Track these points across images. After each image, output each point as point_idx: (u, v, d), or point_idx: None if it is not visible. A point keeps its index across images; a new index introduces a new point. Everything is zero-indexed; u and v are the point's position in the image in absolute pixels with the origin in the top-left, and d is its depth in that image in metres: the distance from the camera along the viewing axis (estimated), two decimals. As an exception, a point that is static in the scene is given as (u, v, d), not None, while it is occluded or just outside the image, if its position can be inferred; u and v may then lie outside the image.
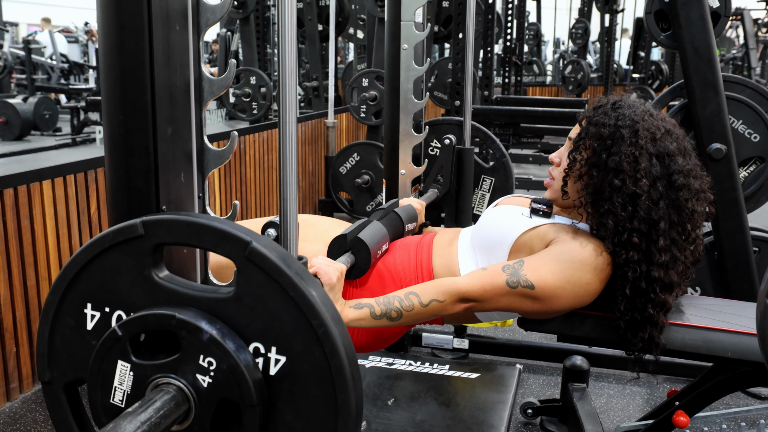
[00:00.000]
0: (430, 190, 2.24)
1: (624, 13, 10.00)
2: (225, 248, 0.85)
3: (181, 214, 0.89)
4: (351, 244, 1.41)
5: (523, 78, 8.59)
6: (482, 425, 1.80)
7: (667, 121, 1.42)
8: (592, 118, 1.42)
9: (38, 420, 2.12)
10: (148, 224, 0.87)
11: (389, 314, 1.34)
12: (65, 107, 7.16)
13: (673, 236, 1.35)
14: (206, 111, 1.08)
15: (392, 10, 2.19)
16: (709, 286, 2.27)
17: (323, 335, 0.81)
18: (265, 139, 3.93)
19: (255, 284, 0.84)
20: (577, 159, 1.42)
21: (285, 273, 0.82)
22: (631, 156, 1.34)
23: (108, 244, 0.88)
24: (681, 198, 1.35)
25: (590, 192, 1.39)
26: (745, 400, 2.26)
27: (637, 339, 1.37)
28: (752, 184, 2.25)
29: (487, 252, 1.46)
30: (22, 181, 2.21)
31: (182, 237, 0.87)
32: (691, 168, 1.38)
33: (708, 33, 2.14)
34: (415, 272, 1.49)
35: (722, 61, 10.30)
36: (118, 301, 0.89)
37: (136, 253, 0.88)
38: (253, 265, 0.83)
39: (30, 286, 2.24)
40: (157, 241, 0.87)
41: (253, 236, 0.84)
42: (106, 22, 0.97)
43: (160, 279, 0.88)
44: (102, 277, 0.89)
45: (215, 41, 9.21)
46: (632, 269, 1.33)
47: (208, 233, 0.85)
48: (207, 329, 0.83)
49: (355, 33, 6.41)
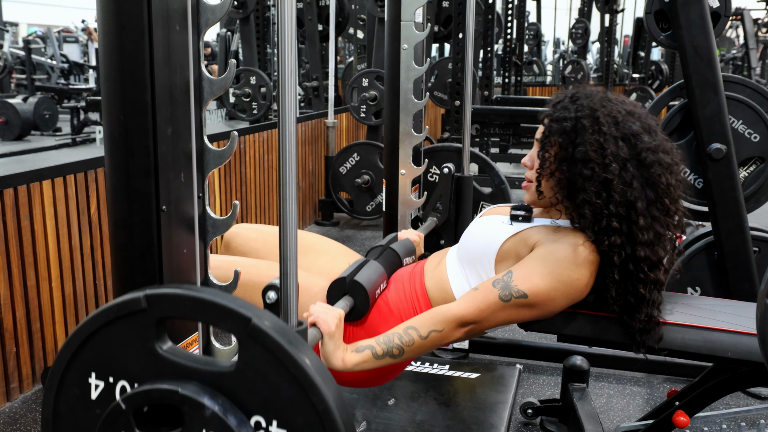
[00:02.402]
0: (429, 219, 2.25)
1: (624, 13, 10.00)
2: (227, 324, 0.87)
3: (184, 288, 0.91)
4: (349, 288, 1.42)
5: (523, 78, 8.59)
6: (482, 425, 1.80)
7: (627, 103, 1.43)
8: (553, 114, 1.44)
9: (38, 420, 2.12)
10: (151, 298, 0.89)
11: (391, 352, 1.34)
12: (65, 107, 7.16)
13: (653, 213, 1.36)
14: (206, 111, 1.08)
15: (392, 10, 2.19)
16: (709, 286, 2.27)
17: (323, 412, 0.83)
18: (265, 139, 3.93)
19: (256, 359, 0.86)
20: (546, 157, 1.43)
21: (286, 350, 0.85)
22: (596, 143, 1.35)
23: (112, 316, 0.91)
24: (654, 174, 1.36)
25: (564, 186, 1.40)
26: (745, 400, 2.26)
27: (635, 321, 1.38)
28: (752, 184, 2.25)
29: (474, 265, 1.47)
30: (22, 181, 2.21)
31: (185, 312, 0.90)
32: (659, 143, 1.39)
33: (708, 33, 2.14)
34: (411, 301, 1.50)
35: (722, 61, 10.31)
36: (122, 371, 0.92)
37: (140, 326, 0.90)
38: (254, 341, 0.85)
39: (30, 286, 2.24)
40: (160, 315, 0.90)
41: (254, 312, 0.87)
42: (106, 22, 0.97)
43: (164, 351, 0.90)
44: (106, 348, 0.92)
45: (207, 46, 9.22)
46: (617, 253, 1.34)
47: (211, 309, 0.88)
48: (209, 405, 0.85)
49: (355, 33, 6.41)
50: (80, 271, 2.45)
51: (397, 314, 1.47)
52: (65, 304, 2.39)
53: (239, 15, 5.19)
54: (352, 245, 4.13)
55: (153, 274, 1.02)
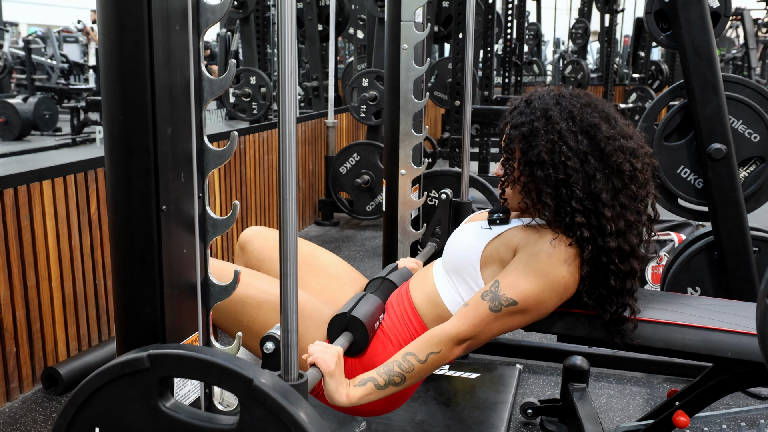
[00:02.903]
0: (429, 245, 2.25)
1: (624, 13, 10.00)
2: (229, 384, 0.89)
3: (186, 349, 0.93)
4: (348, 323, 1.43)
5: (523, 78, 8.58)
6: (482, 425, 1.80)
7: (582, 96, 1.43)
8: (510, 121, 1.45)
9: (38, 420, 2.12)
10: (154, 358, 0.91)
11: (393, 381, 1.34)
12: (65, 107, 7.16)
13: (621, 201, 1.36)
14: (206, 111, 1.08)
15: (392, 10, 2.19)
16: (709, 286, 2.27)
17: None
18: (265, 139, 3.93)
19: (257, 418, 0.88)
20: (510, 164, 1.44)
21: (287, 411, 0.87)
22: (550, 143, 1.35)
23: (116, 374, 0.92)
24: (616, 162, 1.35)
25: (529, 190, 1.41)
26: (745, 400, 2.26)
27: (606, 313, 1.38)
28: (752, 184, 2.25)
29: (461, 274, 1.47)
30: (22, 181, 2.21)
31: (188, 372, 0.92)
32: (619, 131, 1.39)
33: (708, 33, 2.14)
34: (403, 322, 1.49)
35: (722, 61, 10.31)
36: (126, 428, 0.93)
37: (143, 385, 0.92)
38: (256, 401, 0.87)
39: (30, 286, 2.24)
40: (163, 374, 0.91)
41: (255, 372, 0.89)
42: (106, 22, 0.97)
43: (166, 409, 0.91)
44: (110, 405, 0.93)
45: (206, 47, 9.21)
46: (586, 248, 1.34)
47: (213, 369, 0.90)
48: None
49: (355, 33, 6.41)
50: (80, 271, 2.45)
51: (394, 339, 1.47)
52: (65, 304, 2.39)
53: (239, 15, 5.19)
54: (352, 245, 4.14)
55: (153, 274, 1.02)
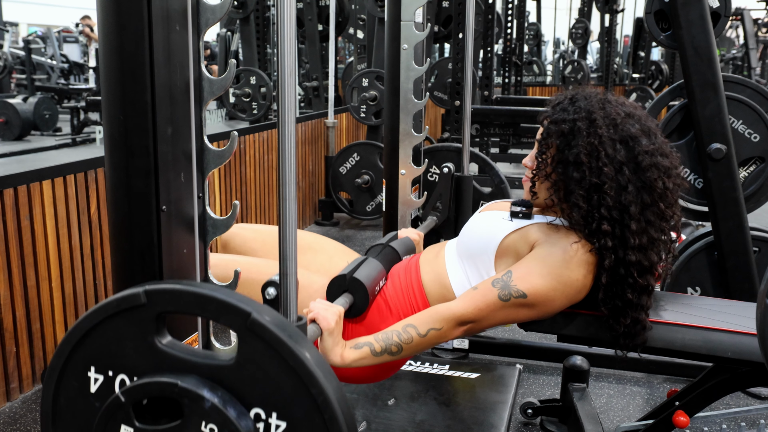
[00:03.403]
0: (429, 218, 2.25)
1: (624, 13, 10.00)
2: (227, 319, 0.87)
3: (183, 284, 0.91)
4: (349, 285, 1.43)
5: (523, 78, 8.59)
6: (482, 425, 1.80)
7: (627, 105, 1.42)
8: (552, 116, 1.43)
9: (38, 420, 2.12)
10: (150, 293, 0.89)
11: (389, 349, 1.34)
12: (65, 107, 7.16)
13: (648, 217, 1.35)
14: (206, 111, 1.08)
15: (392, 10, 2.19)
16: (709, 286, 2.27)
17: (323, 403, 0.84)
18: (265, 139, 3.93)
19: (256, 353, 0.86)
20: (544, 159, 1.43)
21: (285, 344, 0.85)
22: (590, 146, 1.34)
23: (112, 311, 0.91)
24: (650, 178, 1.35)
25: (558, 188, 1.40)
26: (745, 400, 2.26)
27: (619, 325, 1.38)
28: (752, 184, 2.25)
29: (474, 260, 1.46)
30: (22, 181, 2.21)
31: (184, 307, 0.90)
32: (657, 147, 1.38)
33: (708, 33, 2.14)
34: (408, 296, 1.49)
35: (722, 61, 10.30)
36: (122, 365, 0.92)
37: (139, 321, 0.90)
38: (254, 335, 0.86)
39: (30, 286, 2.24)
40: (159, 310, 0.90)
41: (254, 306, 0.87)
42: (106, 22, 0.97)
43: (163, 346, 0.90)
44: (105, 343, 0.92)
45: (206, 47, 9.17)
46: (608, 257, 1.34)
47: (210, 304, 0.88)
48: (209, 397, 0.85)
49: (355, 33, 6.41)
50: (80, 271, 2.45)
51: (394, 310, 1.47)
52: (65, 304, 2.39)
53: (239, 15, 5.19)
54: (352, 245, 4.13)
55: (153, 274, 1.02)
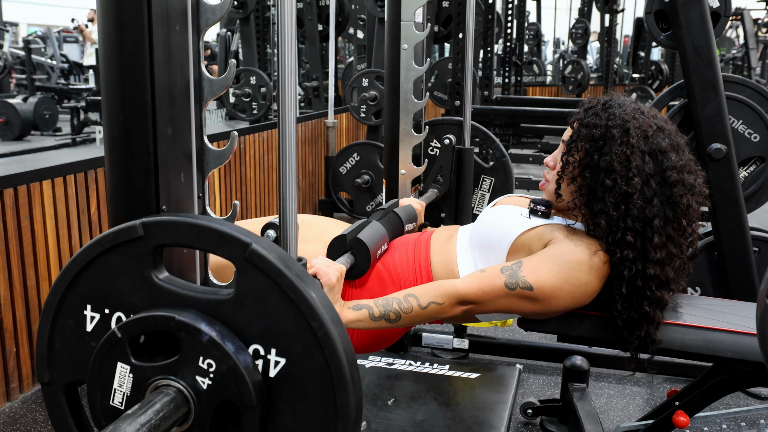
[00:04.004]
0: (430, 190, 2.24)
1: (624, 13, 10.00)
2: (225, 250, 0.84)
3: (180, 216, 0.89)
4: (350, 245, 1.41)
5: (523, 78, 8.59)
6: (482, 425, 1.80)
7: (658, 118, 1.42)
8: (583, 119, 1.43)
9: (38, 420, 2.12)
10: (147, 225, 0.87)
11: (388, 316, 1.34)
12: (65, 107, 7.16)
13: (668, 233, 1.35)
14: (206, 111, 1.08)
15: (392, 10, 2.19)
16: (709, 286, 2.27)
17: (323, 337, 0.81)
18: (265, 139, 3.93)
19: (255, 286, 0.83)
20: (570, 161, 1.42)
21: (285, 275, 0.82)
22: (623, 155, 1.34)
23: (108, 245, 0.88)
24: (675, 194, 1.35)
25: (584, 193, 1.39)
26: (745, 400, 2.26)
27: (633, 337, 1.37)
28: (752, 184, 2.25)
29: (486, 251, 1.46)
30: (22, 181, 2.21)
31: (182, 238, 0.87)
32: (685, 163, 1.38)
33: (708, 33, 2.14)
34: (414, 271, 1.49)
35: (722, 61, 10.31)
36: (118, 302, 0.89)
37: (136, 255, 0.87)
38: (253, 266, 0.83)
39: (30, 286, 2.24)
40: (156, 242, 0.87)
41: (253, 238, 0.84)
42: (106, 22, 0.97)
43: (160, 281, 0.87)
44: (102, 279, 0.89)
45: (207, 47, 9.13)
46: (628, 267, 1.33)
47: (208, 235, 0.85)
48: (206, 331, 0.83)
49: (355, 33, 6.41)
50: (80, 271, 2.45)
51: (396, 281, 1.47)
52: (65, 304, 2.39)
53: (239, 15, 5.19)
54: (352, 245, 4.13)
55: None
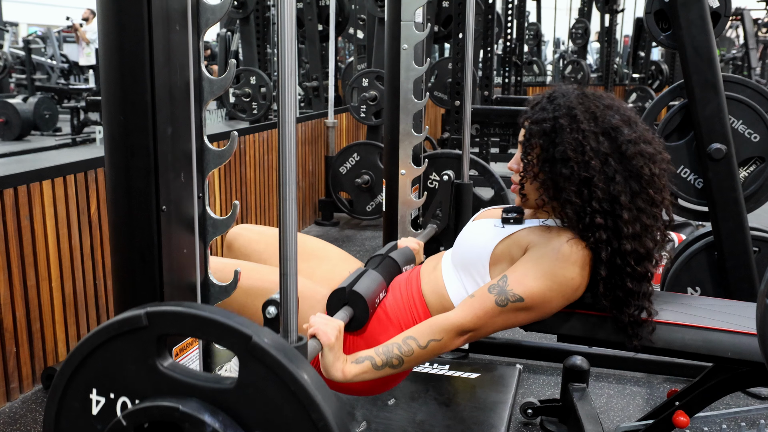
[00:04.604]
0: (429, 226, 2.25)
1: (624, 13, 10.00)
2: (228, 341, 0.88)
3: (184, 306, 0.91)
4: (349, 298, 1.42)
5: (523, 78, 8.58)
6: (482, 425, 1.80)
7: (604, 97, 1.43)
8: (532, 117, 1.44)
9: (38, 420, 2.12)
10: (152, 315, 0.89)
11: (390, 362, 1.34)
12: (65, 107, 7.15)
13: (638, 205, 1.36)
14: (206, 111, 1.08)
15: (392, 10, 2.19)
16: (709, 286, 2.27)
17: (323, 428, 0.84)
18: (265, 139, 3.93)
19: (256, 376, 0.86)
20: (529, 160, 1.43)
21: (286, 368, 0.85)
22: (575, 141, 1.35)
23: (113, 333, 0.91)
24: (636, 166, 1.36)
25: (547, 188, 1.41)
26: (745, 400, 2.26)
27: (624, 315, 1.38)
28: (752, 184, 2.25)
29: (469, 269, 1.46)
30: (22, 181, 2.21)
31: (186, 329, 0.91)
32: (639, 134, 1.39)
33: (708, 33, 2.14)
34: (409, 306, 1.49)
35: (722, 61, 10.31)
36: (123, 387, 0.92)
37: (141, 343, 0.90)
38: (255, 358, 0.86)
39: (30, 286, 2.24)
40: (160, 332, 0.90)
41: (254, 330, 0.87)
42: (106, 22, 0.97)
43: (164, 368, 0.90)
44: (107, 364, 0.92)
45: (207, 47, 9.08)
46: (604, 249, 1.34)
47: (211, 327, 0.88)
48: (210, 422, 0.85)
49: (355, 33, 6.41)
50: (80, 271, 2.45)
51: (395, 322, 1.47)
52: (65, 304, 2.39)
53: (239, 15, 5.19)
54: (352, 245, 4.14)
55: (153, 274, 1.02)
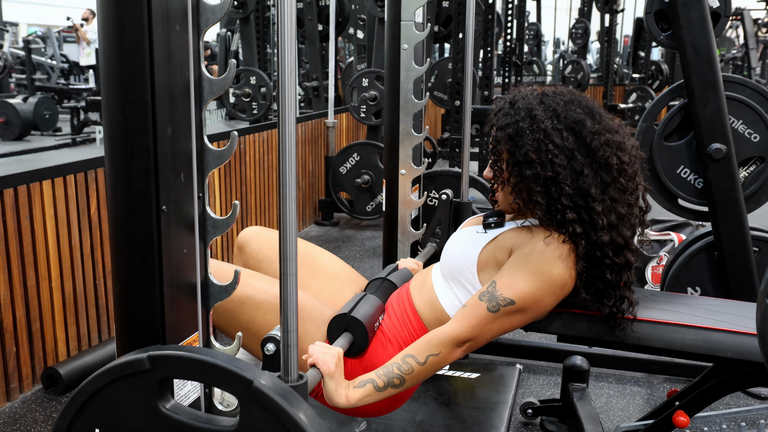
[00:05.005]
0: (429, 245, 2.25)
1: (624, 13, 10.00)
2: (229, 386, 0.89)
3: (186, 350, 0.93)
4: (348, 324, 1.43)
5: (523, 78, 8.59)
6: (482, 425, 1.80)
7: (565, 94, 1.44)
8: (496, 123, 1.45)
9: (38, 420, 2.12)
10: (155, 359, 0.90)
11: (392, 383, 1.34)
12: (65, 107, 7.16)
13: (611, 195, 1.37)
14: (206, 111, 1.08)
15: (392, 10, 2.19)
16: (709, 286, 2.27)
17: None
18: (265, 139, 3.93)
19: (257, 420, 0.88)
20: (499, 166, 1.45)
21: (287, 412, 0.86)
22: (536, 142, 1.36)
23: (116, 375, 0.92)
24: (603, 156, 1.36)
25: (520, 190, 1.41)
26: (745, 400, 2.26)
27: (604, 306, 1.39)
28: (752, 184, 2.25)
29: (458, 278, 1.47)
30: (22, 181, 2.21)
31: (188, 373, 0.92)
32: (604, 125, 1.39)
33: (708, 33, 2.14)
34: (405, 324, 1.49)
35: (722, 61, 10.31)
36: (125, 429, 0.93)
37: (143, 386, 0.91)
38: (256, 402, 0.87)
39: (30, 286, 2.24)
40: (163, 375, 0.91)
41: (255, 374, 0.88)
42: (106, 22, 0.97)
43: (167, 410, 0.91)
44: (110, 406, 0.93)
45: (207, 47, 9.07)
46: (579, 243, 1.35)
47: (213, 371, 0.89)
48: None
49: (355, 33, 6.41)
50: (80, 271, 2.45)
51: (394, 340, 1.47)
52: (65, 304, 2.39)
53: (239, 15, 5.19)
54: (352, 245, 4.14)
55: (153, 275, 1.02)
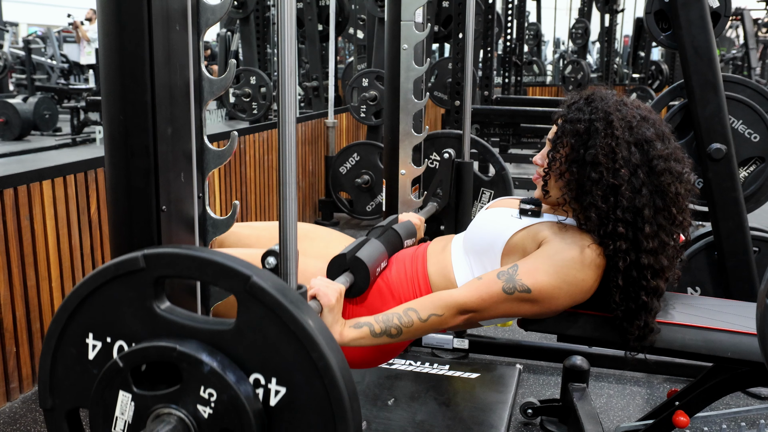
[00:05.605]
0: (430, 204, 2.24)
1: (624, 13, 10.00)
2: (226, 282, 0.86)
3: (182, 248, 0.90)
4: (350, 264, 1.42)
5: (523, 78, 8.59)
6: (482, 425, 1.80)
7: (642, 108, 1.43)
8: (567, 115, 1.43)
9: (38, 420, 2.12)
10: (149, 257, 0.88)
11: (389, 331, 1.34)
12: (65, 107, 7.15)
13: (659, 221, 1.36)
14: (206, 111, 1.08)
15: (392, 10, 2.19)
16: (709, 286, 2.27)
17: (323, 368, 0.83)
18: (265, 139, 3.93)
19: (256, 317, 0.85)
20: (557, 158, 1.43)
21: (285, 307, 0.84)
22: (608, 147, 1.35)
23: (110, 276, 0.90)
24: (663, 183, 1.35)
25: (572, 188, 1.40)
26: (745, 400, 2.26)
27: (633, 327, 1.38)
28: (752, 184, 2.25)
29: (480, 256, 1.46)
30: (22, 181, 2.21)
31: (183, 270, 0.89)
32: (671, 152, 1.38)
33: (708, 33, 2.14)
34: (412, 283, 1.49)
35: (722, 61, 10.31)
36: (120, 331, 0.91)
37: (138, 286, 0.89)
38: (254, 298, 0.85)
39: (30, 286, 2.24)
40: (158, 274, 0.88)
41: (253, 270, 0.86)
42: (106, 22, 0.97)
43: (162, 311, 0.89)
44: (103, 308, 0.91)
45: (207, 47, 9.07)
46: (622, 258, 1.34)
47: (209, 267, 0.87)
48: (208, 361, 0.84)
49: (355, 33, 6.41)
50: (80, 271, 2.45)
51: (396, 296, 1.47)
52: (65, 304, 2.39)
53: (239, 15, 5.20)
54: (352, 245, 4.13)
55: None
